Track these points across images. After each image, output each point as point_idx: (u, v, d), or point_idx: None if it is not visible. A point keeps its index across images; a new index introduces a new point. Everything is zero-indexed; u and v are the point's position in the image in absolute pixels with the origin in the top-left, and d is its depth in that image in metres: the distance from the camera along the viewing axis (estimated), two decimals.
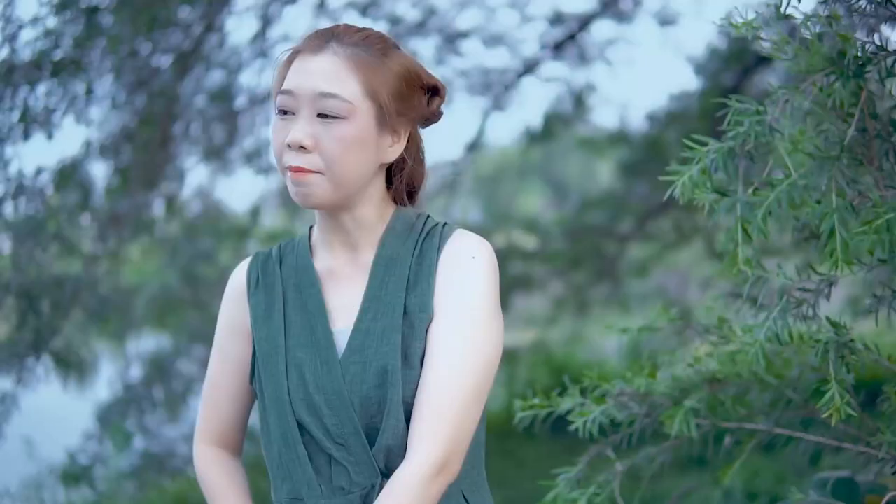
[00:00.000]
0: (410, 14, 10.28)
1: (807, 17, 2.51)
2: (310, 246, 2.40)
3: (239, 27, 8.78)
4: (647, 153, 11.08)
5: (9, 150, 7.63)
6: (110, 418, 8.74)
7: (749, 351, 2.55)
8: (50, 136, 7.51)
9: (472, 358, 2.17)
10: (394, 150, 2.29)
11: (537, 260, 11.43)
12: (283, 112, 2.22)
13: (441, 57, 10.54)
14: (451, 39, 10.45)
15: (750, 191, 2.31)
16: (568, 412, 3.14)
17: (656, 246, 11.61)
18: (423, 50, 10.53)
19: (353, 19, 9.70)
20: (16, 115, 7.29)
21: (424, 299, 2.22)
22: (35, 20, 6.95)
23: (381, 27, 10.06)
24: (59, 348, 8.30)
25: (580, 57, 10.57)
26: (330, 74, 2.18)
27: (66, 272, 8.54)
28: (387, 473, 2.17)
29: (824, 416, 2.55)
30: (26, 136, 7.48)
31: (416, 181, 2.43)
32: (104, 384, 10.13)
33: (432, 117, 2.38)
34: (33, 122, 7.40)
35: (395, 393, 2.16)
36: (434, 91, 2.36)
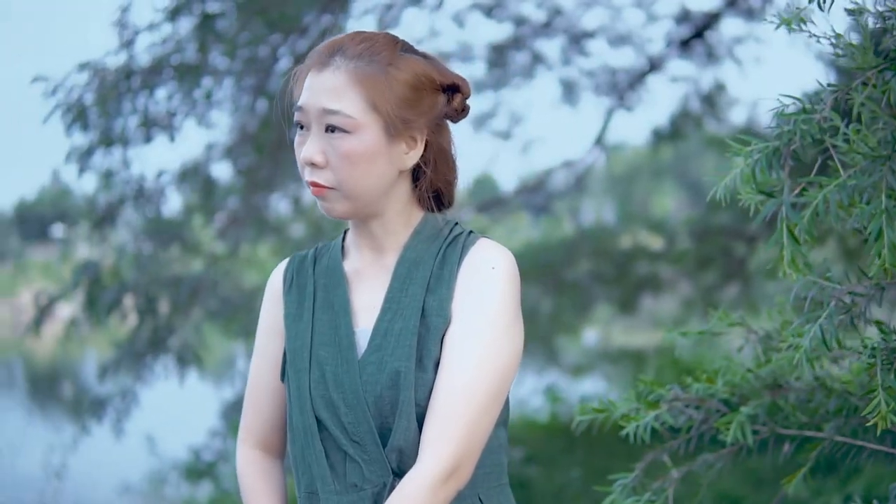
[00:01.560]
0: (536, 15, 10.26)
1: (859, 10, 2.44)
2: (343, 248, 2.42)
3: (361, 29, 8.88)
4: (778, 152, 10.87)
5: (130, 153, 7.81)
6: (233, 415, 8.87)
7: (794, 357, 2.50)
8: (172, 139, 7.67)
9: (486, 364, 2.17)
10: (410, 156, 2.27)
11: (664, 261, 11.31)
12: (300, 127, 2.26)
13: (567, 57, 10.52)
14: (577, 39, 10.42)
15: (796, 192, 2.26)
16: (623, 417, 3.11)
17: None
18: (549, 50, 10.52)
19: (478, 20, 9.73)
20: (136, 120, 7.46)
21: (442, 304, 2.22)
22: (151, 26, 7.10)
23: (506, 28, 10.11)
24: (177, 346, 8.45)
25: (708, 55, 10.46)
26: (332, 91, 2.19)
27: (185, 272, 8.70)
28: (399, 473, 2.19)
29: (870, 423, 2.49)
30: (148, 139, 7.65)
31: (442, 184, 2.39)
32: (232, 382, 10.35)
33: (455, 115, 2.35)
34: (154, 126, 7.56)
35: (407, 395, 2.17)
36: (454, 88, 2.33)
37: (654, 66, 10.64)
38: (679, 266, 11.22)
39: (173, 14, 7.02)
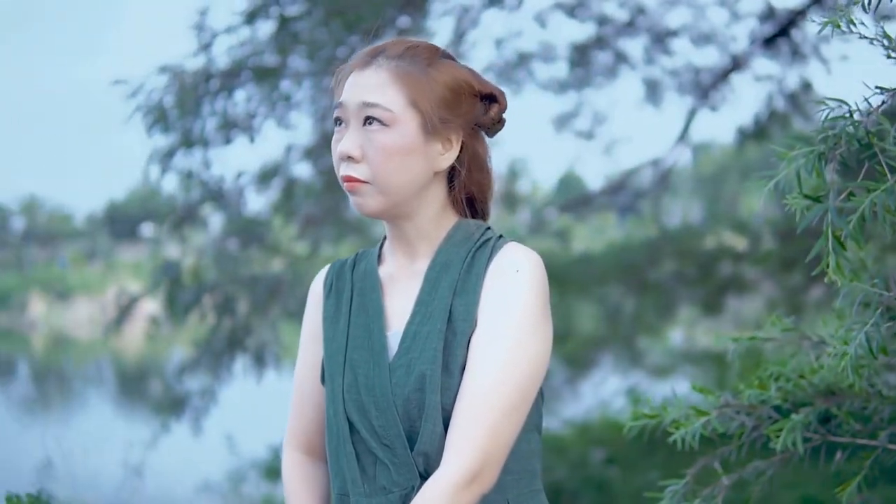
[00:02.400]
0: (619, 14, 10.20)
1: None
2: (380, 254, 2.44)
3: (439, 30, 8.88)
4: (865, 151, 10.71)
5: (210, 154, 7.89)
6: None
7: (840, 364, 2.46)
8: (252, 140, 7.73)
9: (511, 369, 2.16)
10: (445, 158, 2.29)
11: (749, 261, 11.20)
12: (338, 123, 2.28)
13: (650, 56, 10.44)
14: (660, 38, 10.34)
15: (842, 196, 2.22)
16: (673, 423, 3.08)
17: (873, 247, 11.20)
18: (632, 49, 10.46)
19: (560, 20, 9.70)
20: (215, 121, 7.53)
21: (469, 308, 2.22)
22: (229, 29, 7.16)
23: (588, 28, 10.06)
24: (255, 346, 8.52)
25: (793, 53, 10.32)
26: (373, 86, 2.22)
27: (263, 272, 8.77)
28: (426, 476, 2.19)
29: None
30: (228, 140, 7.73)
31: (475, 191, 2.41)
32: None
33: (492, 124, 2.37)
34: (234, 128, 7.63)
35: (433, 398, 2.17)
36: (491, 98, 2.35)
37: (738, 64, 10.52)
38: (763, 267, 11.10)
39: (250, 17, 7.08)
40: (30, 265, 60.38)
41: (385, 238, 2.42)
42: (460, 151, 2.30)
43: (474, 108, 2.31)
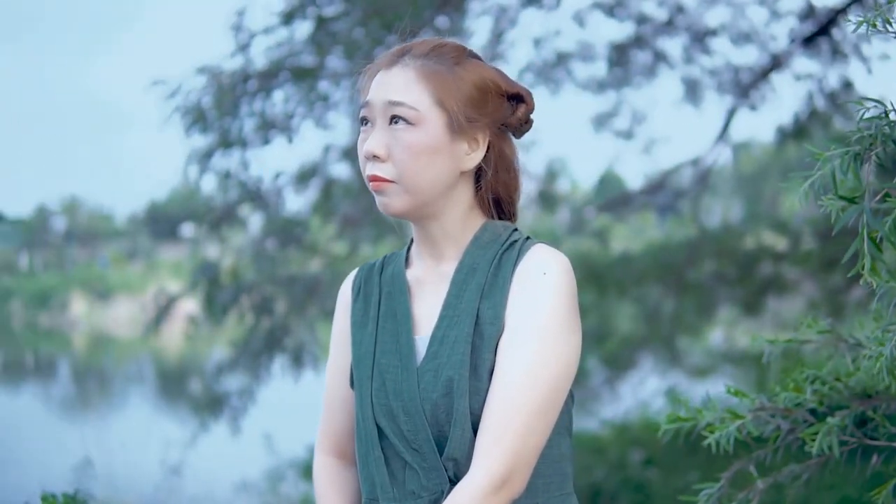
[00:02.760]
0: (658, 13, 10.16)
1: None
2: (408, 257, 2.43)
3: (477, 30, 8.87)
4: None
5: (248, 155, 7.91)
6: None
7: (875, 366, 2.44)
8: (290, 141, 7.75)
9: (539, 372, 2.14)
10: (472, 157, 2.27)
11: (789, 261, 11.12)
12: (364, 122, 2.27)
13: (689, 55, 10.40)
14: (700, 37, 10.29)
15: (878, 198, 2.20)
16: (708, 426, 3.06)
17: None
18: (671, 48, 10.41)
19: (599, 20, 9.68)
20: (252, 122, 7.55)
21: (496, 311, 2.20)
22: (266, 30, 7.18)
23: (627, 27, 10.04)
24: (293, 346, 8.54)
25: (833, 52, 10.25)
26: (400, 85, 2.21)
27: (301, 272, 8.79)
28: (455, 481, 2.17)
29: None
30: (266, 141, 7.75)
31: (502, 191, 2.38)
32: None
33: (519, 125, 2.35)
34: (272, 128, 7.64)
35: (461, 403, 2.16)
36: (518, 99, 2.33)
37: (778, 63, 10.46)
38: (804, 267, 11.03)
39: (288, 17, 7.10)
40: (71, 265, 60.82)
41: (412, 241, 2.41)
42: (487, 151, 2.28)
43: (501, 108, 2.29)
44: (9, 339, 44.84)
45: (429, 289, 2.32)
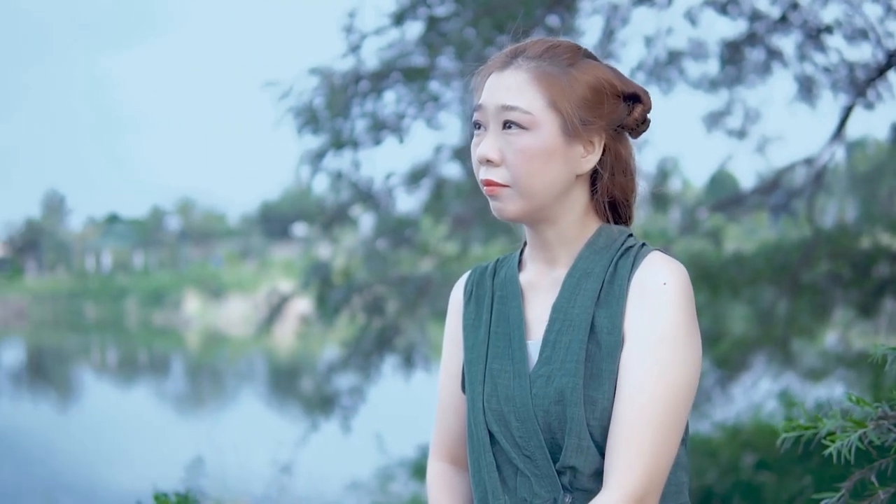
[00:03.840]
0: (771, 10, 10.02)
1: None
2: (521, 260, 2.38)
3: (588, 29, 8.79)
4: None
5: (360, 155, 7.95)
6: None
7: None
8: (401, 141, 7.77)
9: (667, 388, 2.09)
10: (587, 160, 2.21)
11: None
12: (477, 126, 2.23)
13: (803, 53, 10.25)
14: (814, 34, 10.14)
15: None
16: (829, 435, 3.00)
17: None
18: (785, 46, 10.27)
19: (711, 18, 9.61)
20: (364, 123, 7.58)
21: (614, 320, 2.15)
22: (378, 30, 7.20)
23: (740, 24, 9.93)
24: (403, 346, 8.56)
25: None
26: (513, 88, 2.16)
27: (412, 272, 8.81)
28: (570, 489, 2.15)
29: None
30: (377, 141, 7.78)
31: (618, 195, 2.32)
32: None
33: (636, 126, 2.29)
34: (383, 128, 7.67)
35: (575, 411, 2.12)
36: (634, 99, 2.27)
37: (894, 61, 10.27)
38: None
39: (399, 18, 7.10)
40: (185, 264, 61.82)
41: (525, 244, 2.37)
42: (602, 154, 2.23)
43: (617, 109, 2.23)
44: (124, 336, 45.69)
45: (542, 293, 2.28)
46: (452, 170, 8.90)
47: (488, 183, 2.18)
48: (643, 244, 2.25)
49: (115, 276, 61.70)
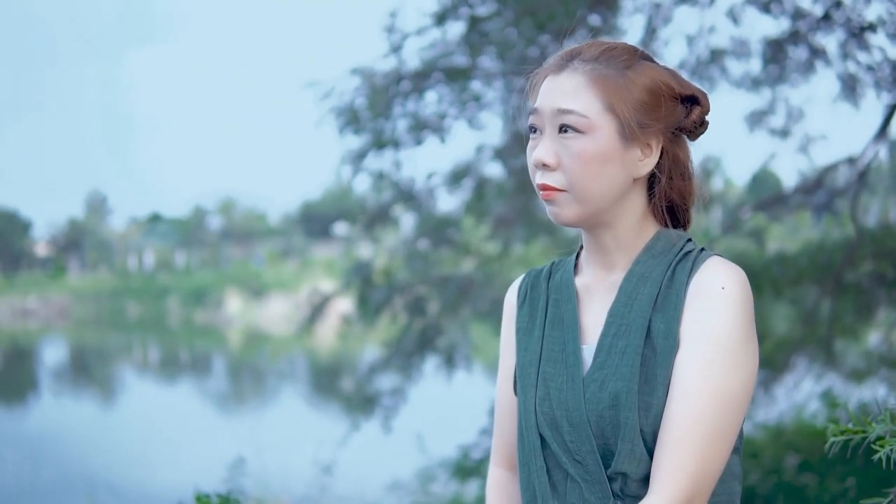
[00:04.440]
0: (814, 8, 9.96)
1: None
2: (577, 264, 2.35)
3: (630, 28, 8.76)
4: None
5: (401, 155, 7.96)
6: None
7: None
8: (442, 141, 7.77)
9: (720, 393, 2.05)
10: (645, 164, 2.18)
11: None
12: (533, 130, 2.20)
13: (846, 51, 10.18)
14: (857, 33, 10.06)
15: None
16: (878, 440, 2.96)
17: None
18: (828, 44, 10.20)
19: (753, 16, 9.54)
20: (405, 122, 7.59)
21: (670, 325, 2.11)
22: (420, 30, 7.19)
23: (782, 23, 9.88)
24: (445, 346, 8.56)
25: None
26: (569, 91, 2.14)
27: (454, 272, 8.80)
28: (621, 496, 2.12)
29: None
30: (418, 141, 7.78)
31: (677, 198, 2.28)
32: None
33: (694, 128, 2.25)
34: (425, 128, 7.67)
35: (629, 416, 2.08)
36: (692, 101, 2.23)
37: None
38: None
39: (440, 18, 7.09)
40: (226, 263, 62.11)
41: (581, 247, 2.34)
42: (660, 157, 2.20)
43: (675, 112, 2.20)
44: (165, 335, 45.96)
45: (597, 298, 2.25)
46: (494, 169, 8.89)
47: (544, 187, 2.15)
48: (702, 249, 2.21)
49: (157, 275, 62.08)
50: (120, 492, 12.24)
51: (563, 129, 2.13)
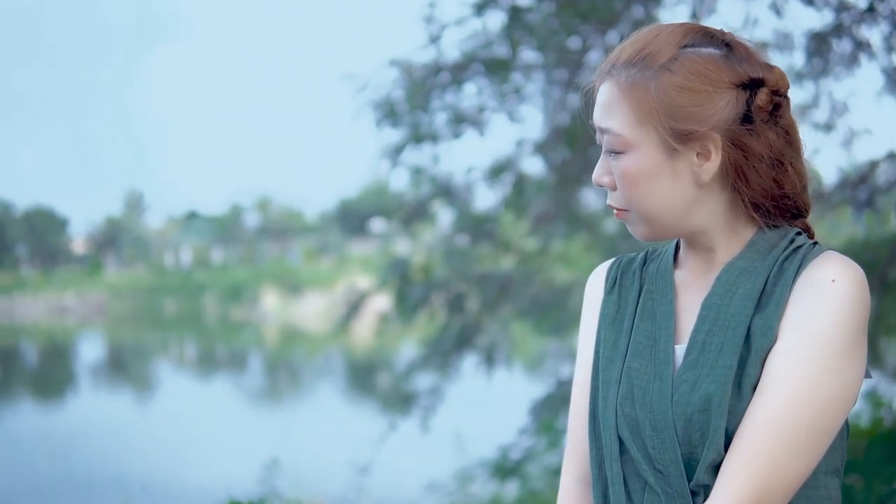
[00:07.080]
0: (858, 1, 9.79)
1: None
2: (676, 255, 2.13)
3: (674, 19, 8.62)
4: None
5: (439, 149, 7.85)
6: (543, 414, 8.75)
7: None
8: (481, 134, 7.65)
9: (809, 396, 1.83)
10: (705, 169, 1.92)
11: None
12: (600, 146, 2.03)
13: (890, 45, 10.00)
14: None
15: None
16: None
17: None
18: (872, 37, 10.03)
19: (797, 9, 9.35)
20: (444, 116, 7.47)
21: (770, 322, 1.88)
22: (459, 21, 7.06)
23: (826, 16, 9.70)
24: (485, 344, 8.45)
25: None
26: (605, 106, 1.96)
27: (493, 269, 8.69)
28: None
29: None
30: (457, 134, 7.66)
31: (767, 190, 1.98)
32: (544, 379, 10.29)
33: (768, 110, 1.97)
34: (463, 122, 7.55)
35: (718, 422, 1.86)
36: (756, 83, 1.96)
37: None
38: None
39: (480, 8, 6.95)
40: (263, 260, 62.37)
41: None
42: (730, 153, 1.94)
43: (728, 104, 1.93)
44: (202, 331, 46.20)
45: (696, 293, 2.03)
46: (534, 164, 8.75)
47: (612, 208, 2.00)
48: (815, 244, 1.99)
49: (194, 271, 62.45)
50: (155, 488, 12.19)
51: (609, 148, 1.95)
